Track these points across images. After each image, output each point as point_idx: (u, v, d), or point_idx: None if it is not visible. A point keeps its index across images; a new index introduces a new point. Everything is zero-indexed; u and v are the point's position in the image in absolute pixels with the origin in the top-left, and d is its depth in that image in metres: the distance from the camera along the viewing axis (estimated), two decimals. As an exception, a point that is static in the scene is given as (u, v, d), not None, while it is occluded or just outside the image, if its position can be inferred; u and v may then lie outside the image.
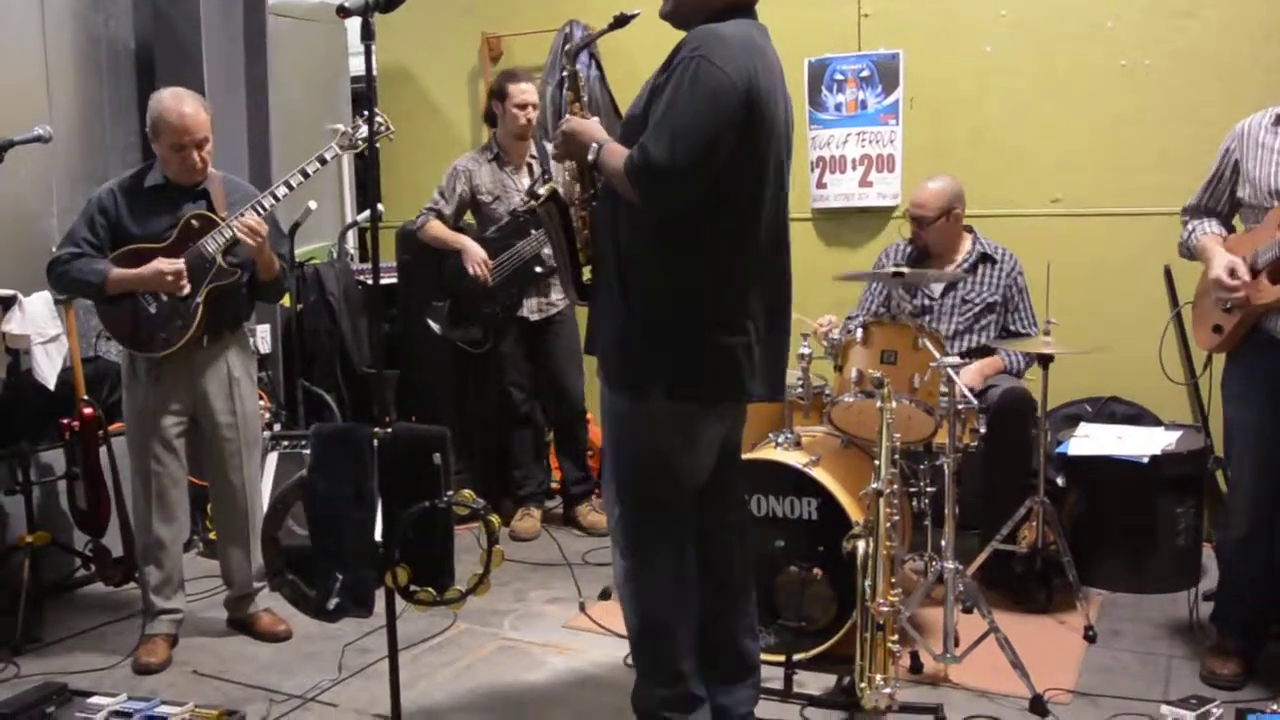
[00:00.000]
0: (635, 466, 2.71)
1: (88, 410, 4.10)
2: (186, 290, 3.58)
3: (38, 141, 3.79)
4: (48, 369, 4.18)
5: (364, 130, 3.58)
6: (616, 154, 2.55)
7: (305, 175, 3.72)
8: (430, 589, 2.75)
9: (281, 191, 3.71)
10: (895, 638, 2.95)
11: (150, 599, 3.78)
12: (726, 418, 2.80)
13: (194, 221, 3.63)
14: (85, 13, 4.93)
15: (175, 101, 3.60)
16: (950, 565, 3.33)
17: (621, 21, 2.77)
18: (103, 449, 4.13)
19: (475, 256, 4.71)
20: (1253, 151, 3.23)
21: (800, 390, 3.74)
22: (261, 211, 3.64)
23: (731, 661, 2.93)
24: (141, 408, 3.74)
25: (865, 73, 5.17)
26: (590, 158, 2.61)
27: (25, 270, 4.30)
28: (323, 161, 3.71)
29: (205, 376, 3.75)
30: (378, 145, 3.61)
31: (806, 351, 3.74)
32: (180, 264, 3.57)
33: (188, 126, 3.58)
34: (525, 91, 4.77)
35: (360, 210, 6.23)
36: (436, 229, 4.82)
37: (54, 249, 3.80)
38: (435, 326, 4.81)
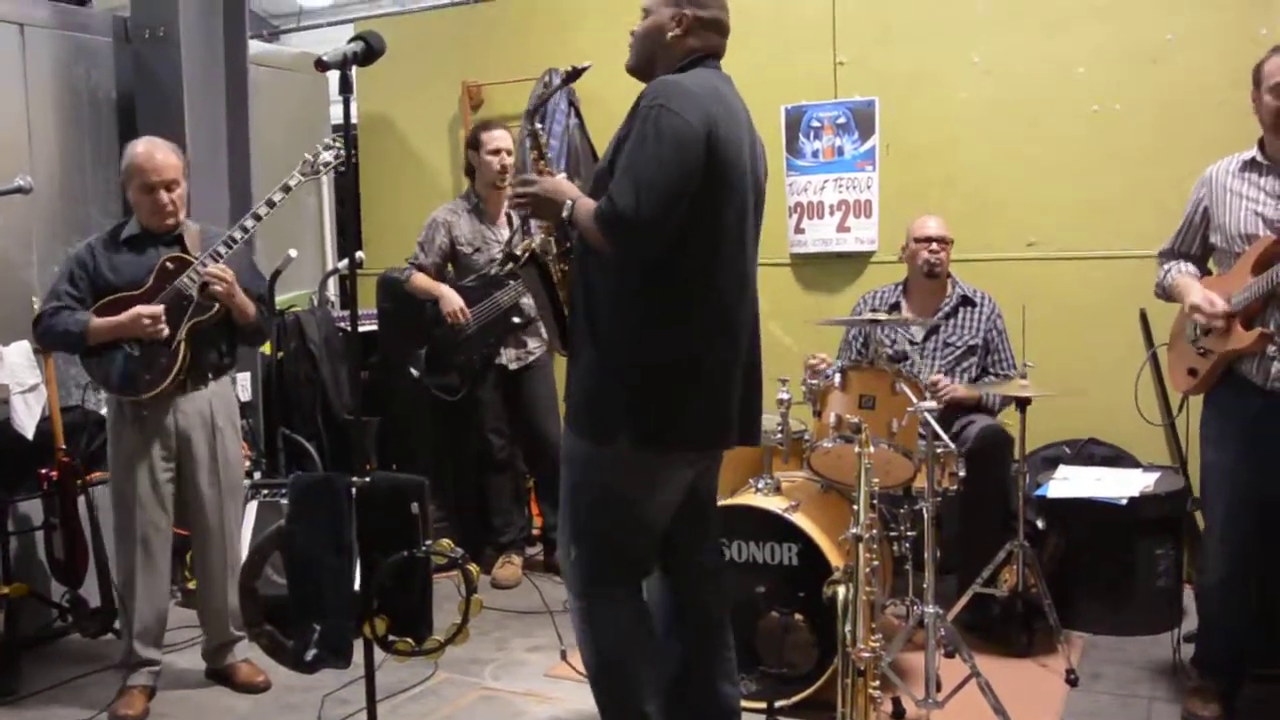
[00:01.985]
0: (596, 511, 2.71)
1: (66, 459, 4.07)
2: (166, 333, 3.59)
3: (18, 192, 3.81)
4: (26, 418, 4.16)
5: (324, 155, 3.68)
6: (588, 208, 2.59)
7: (271, 205, 3.70)
8: (409, 639, 2.73)
9: (238, 235, 3.67)
10: (877, 683, 2.92)
11: (132, 647, 3.74)
12: (694, 464, 2.79)
13: (169, 264, 3.65)
14: (67, 63, 4.94)
15: (145, 146, 3.67)
16: (931, 610, 3.32)
17: (574, 75, 2.82)
18: (81, 499, 4.10)
19: (452, 304, 4.72)
20: (1221, 197, 3.27)
21: (779, 436, 3.74)
22: (223, 252, 3.63)
23: (710, 708, 2.91)
24: (128, 452, 3.72)
25: (841, 120, 5.22)
26: (564, 214, 2.64)
27: (5, 320, 4.31)
28: (286, 190, 3.70)
29: (188, 422, 3.74)
30: (335, 171, 3.80)
31: (785, 397, 3.75)
32: (159, 309, 3.58)
33: (156, 166, 3.62)
34: (497, 138, 4.81)
35: (341, 257, 6.24)
36: (421, 280, 4.85)
37: (35, 301, 3.80)
38: (415, 372, 4.82)
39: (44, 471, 4.08)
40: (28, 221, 4.70)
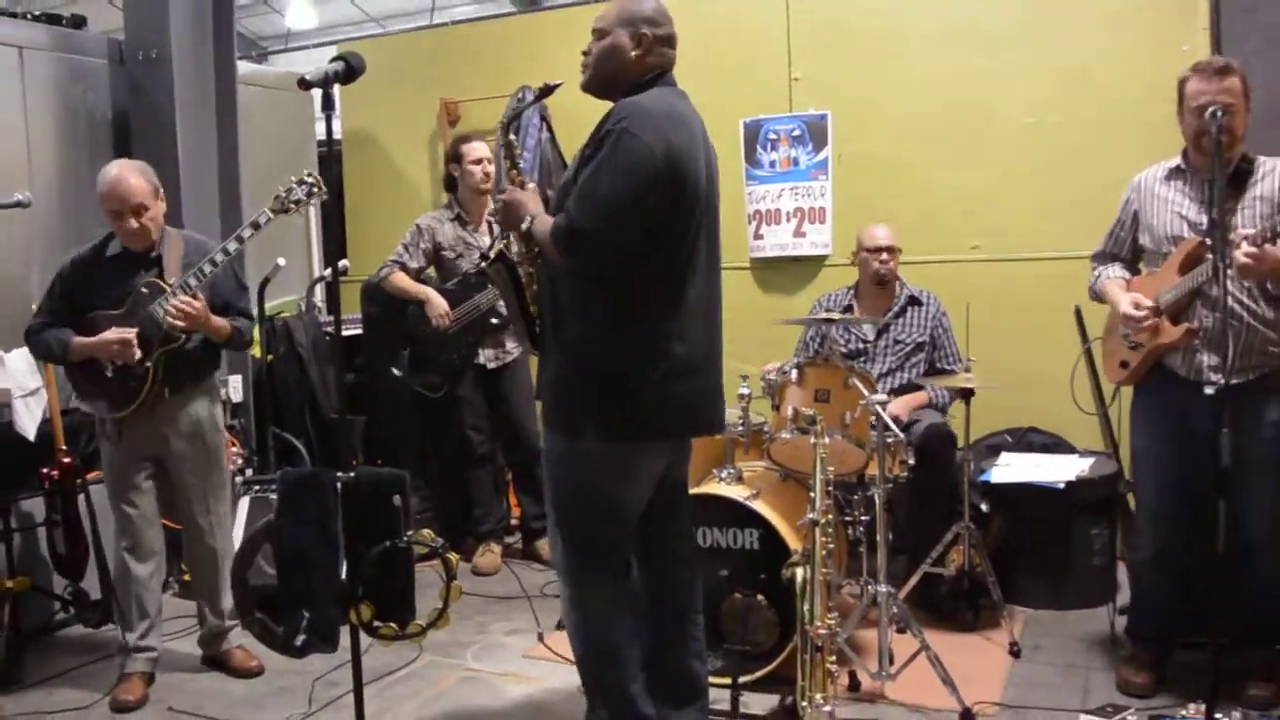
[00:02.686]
0: (573, 502, 2.72)
1: (66, 460, 4.03)
2: (138, 356, 3.53)
3: (18, 206, 3.76)
4: (28, 421, 4.13)
5: (296, 193, 3.56)
6: (545, 225, 2.60)
7: (240, 241, 3.60)
8: (392, 624, 2.71)
9: (207, 268, 3.55)
10: (834, 658, 2.94)
11: (127, 638, 3.70)
12: (663, 454, 2.79)
13: (144, 289, 3.59)
14: (64, 84, 4.88)
15: (114, 172, 3.58)
16: (883, 589, 3.34)
17: (546, 91, 2.83)
18: (81, 497, 4.05)
19: (437, 308, 4.69)
20: (1149, 202, 3.30)
21: (741, 428, 3.75)
22: (192, 284, 3.55)
23: (681, 685, 2.92)
24: (112, 461, 3.71)
25: (796, 132, 5.23)
26: (524, 228, 2.65)
27: (6, 328, 4.24)
28: (255, 227, 3.58)
29: (171, 426, 3.69)
30: (313, 206, 3.71)
31: (746, 392, 3.75)
32: (129, 334, 3.52)
33: (120, 195, 3.54)
34: (477, 149, 4.80)
35: (327, 266, 6.19)
36: (401, 280, 4.80)
37: (34, 307, 3.75)
38: (397, 372, 4.79)
39: (45, 471, 4.04)
40: (28, 235, 4.65)
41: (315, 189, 3.56)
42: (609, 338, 2.59)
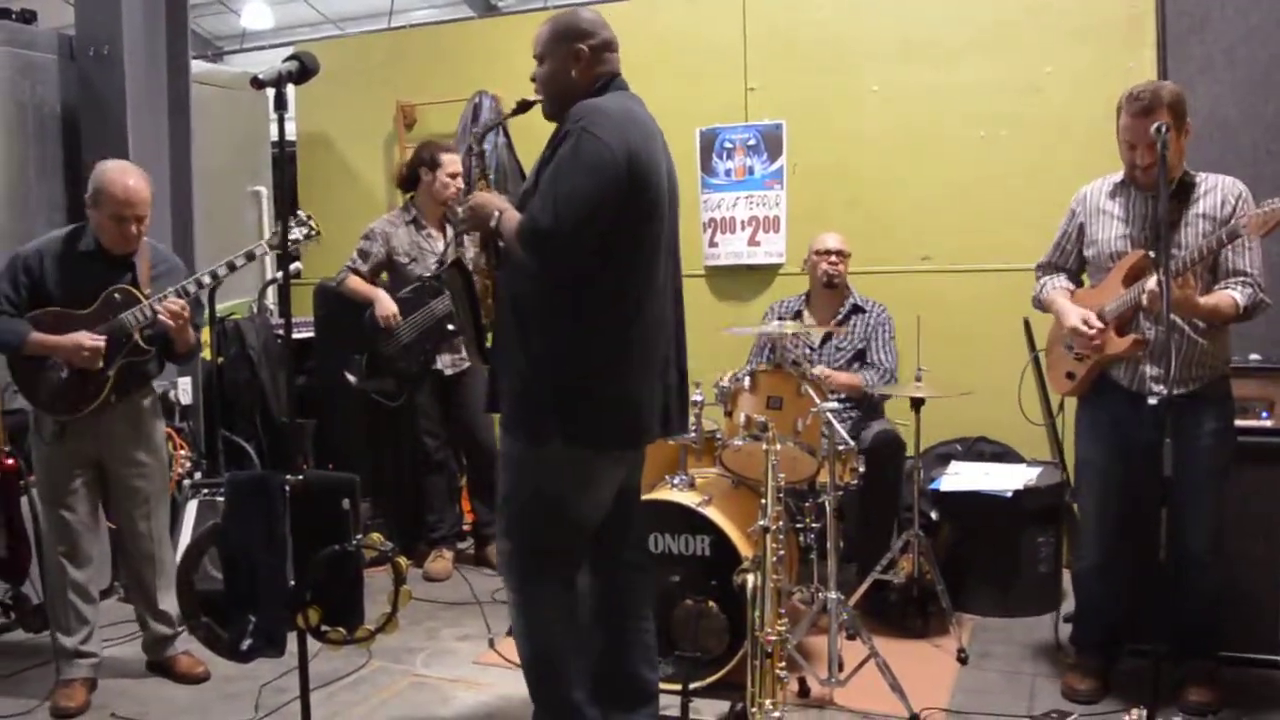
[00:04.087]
0: (531, 508, 2.69)
1: (9, 461, 3.93)
2: (100, 365, 3.47)
3: (-37, 203, 3.66)
4: (-32, 422, 4.02)
5: (295, 233, 3.59)
6: (512, 221, 2.58)
7: (232, 267, 3.61)
8: (341, 629, 2.68)
9: (206, 279, 3.60)
10: (783, 664, 2.94)
11: (62, 642, 3.61)
12: (624, 462, 2.79)
13: (116, 295, 3.52)
14: (13, 78, 4.78)
15: (121, 174, 3.50)
16: (833, 596, 3.35)
17: (524, 107, 2.83)
18: (24, 499, 3.96)
19: (385, 309, 4.66)
20: (1094, 216, 3.35)
21: (694, 435, 3.75)
22: (184, 295, 3.53)
23: (631, 691, 2.91)
24: (49, 461, 3.61)
25: (752, 141, 5.26)
26: (491, 224, 2.63)
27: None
28: (250, 257, 3.63)
29: (113, 430, 3.62)
30: (302, 247, 3.70)
31: (699, 399, 3.75)
32: (101, 342, 3.45)
33: (131, 200, 3.48)
34: (455, 161, 4.76)
35: (279, 268, 6.12)
36: (355, 283, 4.77)
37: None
38: (351, 378, 4.73)
39: (-14, 472, 3.95)
40: (-28, 233, 4.55)
41: (313, 230, 3.64)
42: (573, 345, 2.57)
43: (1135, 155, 3.16)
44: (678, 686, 3.22)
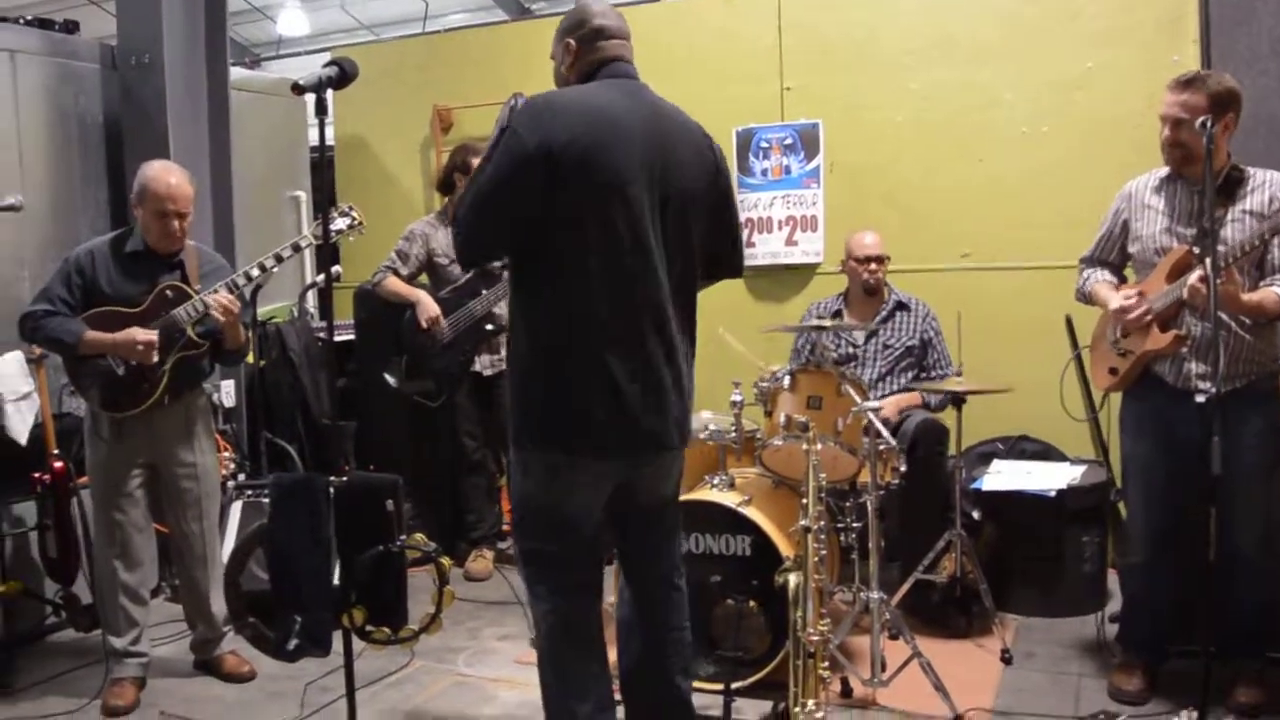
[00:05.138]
0: (519, 511, 2.64)
1: (58, 464, 4.01)
2: (156, 360, 3.53)
3: (10, 210, 3.75)
4: (20, 425, 4.11)
5: (338, 223, 3.72)
6: None
7: (279, 259, 3.69)
8: (385, 628, 2.71)
9: (255, 272, 3.67)
10: (826, 665, 2.94)
11: (113, 643, 3.68)
12: (609, 472, 2.61)
13: (168, 291, 3.59)
14: (56, 88, 4.86)
15: (164, 172, 3.59)
16: (876, 595, 3.34)
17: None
18: (73, 500, 4.04)
19: (428, 311, 4.69)
20: (1139, 212, 3.32)
21: (733, 435, 3.75)
22: (234, 289, 3.60)
23: (666, 701, 2.81)
24: (105, 462, 3.68)
25: (789, 141, 5.25)
26: None
27: (-2, 332, 4.23)
28: (296, 249, 3.73)
29: (166, 432, 3.69)
30: (349, 238, 3.83)
31: (738, 398, 3.76)
32: (154, 336, 3.51)
33: (173, 195, 3.56)
34: None
35: (319, 272, 6.18)
36: (394, 284, 4.81)
37: (26, 307, 3.71)
38: (391, 380, 4.77)
39: (37, 475, 4.02)
40: (20, 239, 4.62)
41: (355, 221, 3.77)
42: (546, 350, 2.52)
43: (1164, 131, 3.14)
44: (719, 686, 3.23)
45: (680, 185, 2.57)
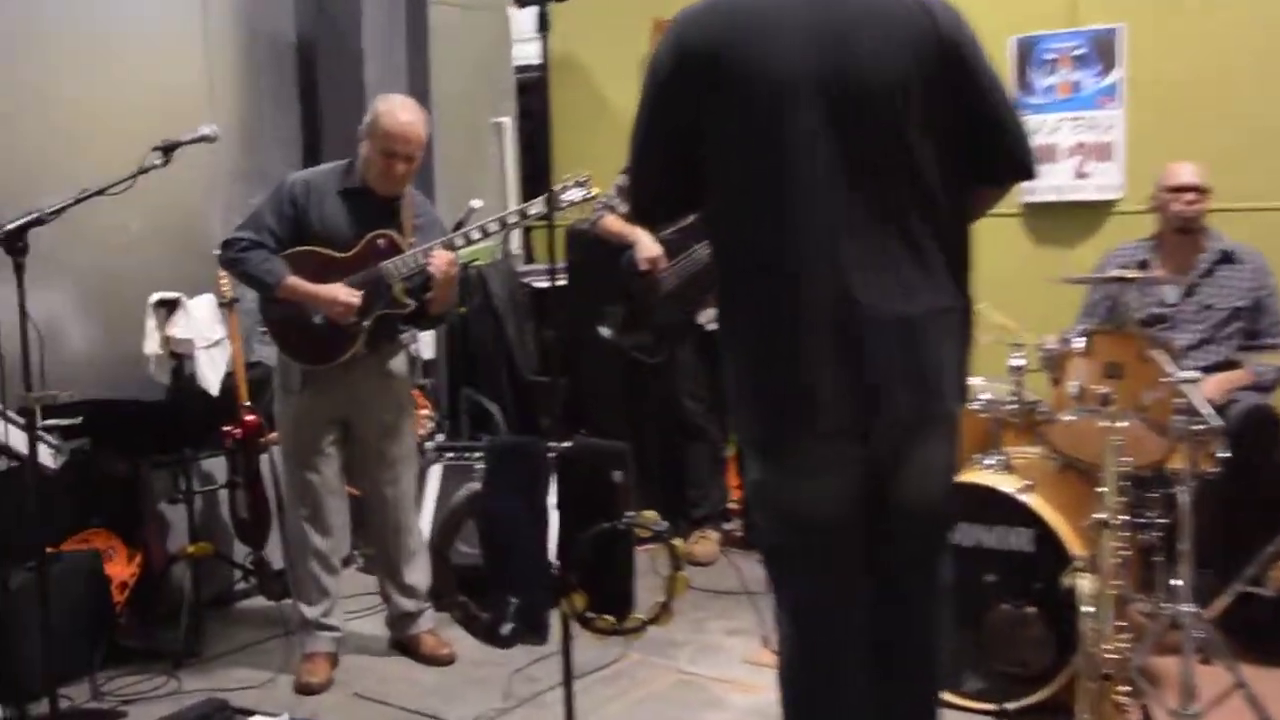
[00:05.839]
0: (753, 502, 2.59)
1: (250, 417, 4.26)
2: (356, 321, 3.68)
3: (204, 141, 3.93)
4: (211, 374, 4.36)
5: (573, 193, 3.73)
6: None
7: (504, 225, 3.80)
8: (609, 616, 2.75)
9: (476, 235, 3.77)
10: (1124, 689, 2.82)
11: (304, 613, 3.90)
12: (832, 460, 2.37)
13: (379, 241, 3.73)
14: (246, 9, 5.11)
15: (399, 108, 3.72)
16: (1187, 609, 3.17)
17: None
18: (264, 458, 4.30)
19: (648, 251, 4.72)
20: None
21: (1013, 406, 3.63)
22: (453, 249, 3.71)
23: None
24: (296, 416, 3.86)
25: (1080, 51, 5.04)
26: None
27: (189, 271, 4.51)
28: (523, 215, 3.82)
29: (362, 386, 3.83)
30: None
31: (1020, 363, 3.63)
32: (357, 299, 3.65)
33: (405, 135, 3.68)
34: None
35: (542, 213, 6.31)
36: (612, 223, 4.87)
37: (217, 255, 3.91)
38: (606, 332, 4.83)
39: (227, 429, 4.28)
40: (210, 172, 4.86)
41: (589, 192, 3.78)
42: (728, 315, 2.44)
43: None
44: (991, 705, 3.16)
45: (867, 75, 2.28)
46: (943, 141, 2.32)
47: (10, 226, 2.99)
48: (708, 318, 4.81)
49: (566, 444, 2.66)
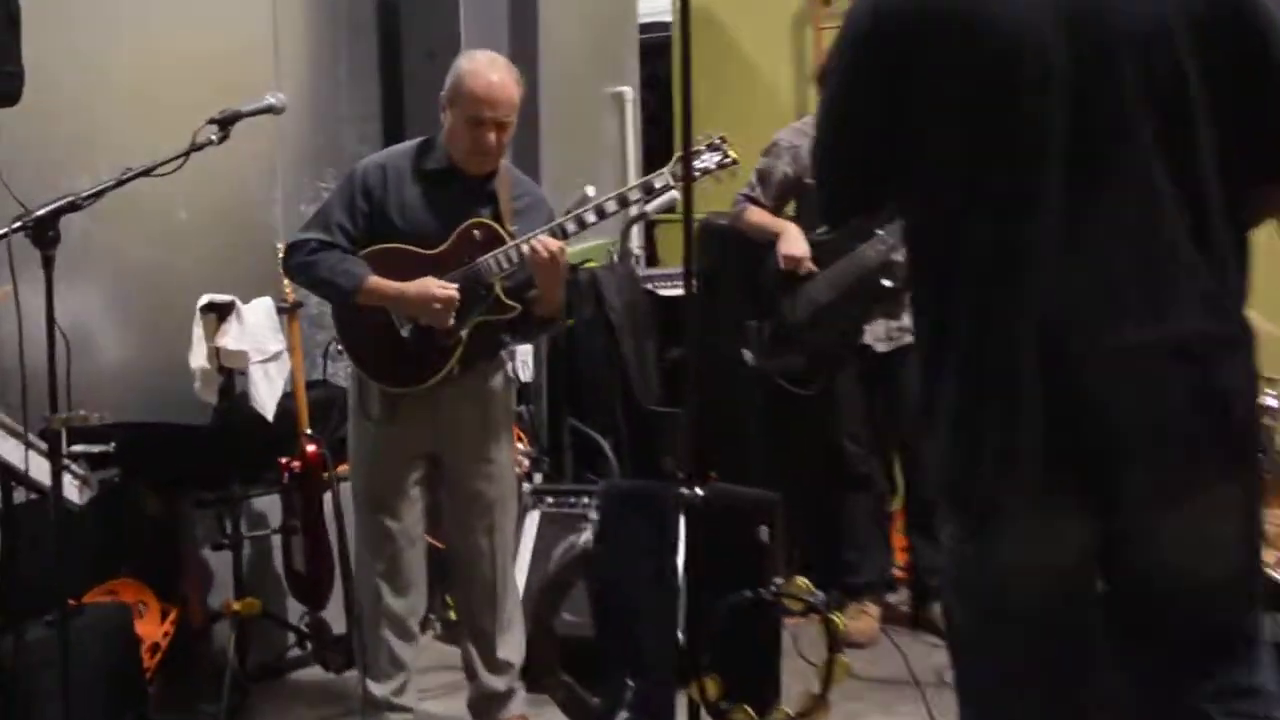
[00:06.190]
0: (945, 592, 2.50)
1: (311, 448, 4.27)
2: (451, 324, 3.66)
3: (269, 112, 3.96)
4: (266, 394, 4.34)
5: (706, 159, 3.68)
6: None
7: (624, 203, 3.80)
8: (748, 708, 2.71)
9: (590, 218, 3.73)
10: None
11: (372, 691, 3.89)
12: (1046, 534, 2.25)
13: (475, 232, 3.71)
14: (321, -40, 5.18)
15: (485, 66, 3.70)
16: None
17: None
18: (327, 497, 4.28)
19: (791, 245, 4.69)
20: None
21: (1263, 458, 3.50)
22: (563, 236, 3.67)
23: None
24: (374, 449, 3.86)
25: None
26: None
27: (245, 269, 4.56)
28: (648, 190, 3.77)
29: (454, 414, 3.81)
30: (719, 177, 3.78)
31: (1275, 402, 3.50)
32: (454, 292, 3.62)
33: (493, 99, 3.65)
34: None
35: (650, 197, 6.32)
36: (756, 215, 4.85)
37: (279, 248, 3.94)
38: (748, 355, 4.78)
39: (285, 461, 4.31)
40: (272, 150, 4.90)
41: (727, 157, 3.72)
42: (929, 345, 2.33)
43: None
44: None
45: (1124, 38, 2.15)
46: (1223, 117, 2.16)
47: (41, 212, 2.96)
48: (876, 335, 4.73)
49: (700, 491, 2.62)
